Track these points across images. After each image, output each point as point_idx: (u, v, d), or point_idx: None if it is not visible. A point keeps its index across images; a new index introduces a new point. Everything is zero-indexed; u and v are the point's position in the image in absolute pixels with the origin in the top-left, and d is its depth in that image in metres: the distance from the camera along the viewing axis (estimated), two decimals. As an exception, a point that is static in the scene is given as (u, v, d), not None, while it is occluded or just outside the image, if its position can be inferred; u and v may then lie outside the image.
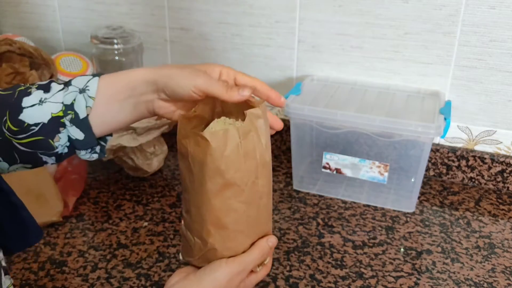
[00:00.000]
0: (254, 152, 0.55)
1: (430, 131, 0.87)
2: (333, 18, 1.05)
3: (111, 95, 0.58)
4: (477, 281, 0.78)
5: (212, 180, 0.54)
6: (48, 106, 0.57)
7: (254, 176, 0.56)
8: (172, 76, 0.57)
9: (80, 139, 0.58)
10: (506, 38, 0.95)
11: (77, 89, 0.58)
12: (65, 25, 1.32)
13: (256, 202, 0.57)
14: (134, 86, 0.58)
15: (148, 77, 0.58)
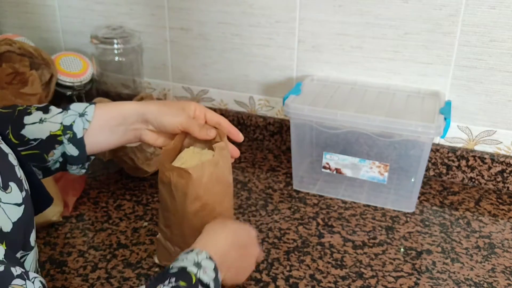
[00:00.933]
0: (223, 177, 0.71)
1: (430, 131, 0.87)
2: (333, 18, 1.05)
3: (106, 121, 0.70)
4: (477, 281, 0.78)
5: (192, 204, 0.69)
6: (47, 125, 0.68)
7: (223, 195, 0.72)
8: (162, 113, 0.71)
9: (75, 155, 0.70)
10: (506, 38, 0.95)
11: (77, 113, 0.69)
12: (65, 25, 1.33)
13: (224, 215, 0.73)
14: (126, 116, 0.71)
15: (140, 110, 0.71)
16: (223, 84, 1.21)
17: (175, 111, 0.71)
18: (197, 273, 0.57)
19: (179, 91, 1.26)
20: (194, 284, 0.56)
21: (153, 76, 1.28)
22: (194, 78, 1.24)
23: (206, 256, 0.60)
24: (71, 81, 1.20)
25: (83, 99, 1.23)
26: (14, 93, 1.02)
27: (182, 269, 0.57)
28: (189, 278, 0.56)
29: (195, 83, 1.24)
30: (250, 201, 0.98)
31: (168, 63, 1.25)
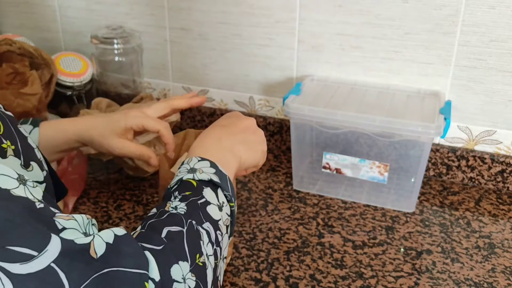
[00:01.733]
0: None
1: (430, 131, 0.87)
2: (333, 18, 1.05)
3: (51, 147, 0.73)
4: (477, 281, 0.78)
5: None
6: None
7: None
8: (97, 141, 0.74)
9: None
10: (506, 38, 0.95)
11: None
12: (65, 25, 1.33)
13: None
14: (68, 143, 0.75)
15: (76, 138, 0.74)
16: (223, 84, 1.21)
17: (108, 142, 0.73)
18: (194, 176, 0.57)
19: (179, 91, 1.26)
20: (197, 187, 0.56)
21: (153, 76, 1.28)
22: (194, 78, 1.24)
23: (197, 160, 0.59)
24: (71, 81, 1.20)
25: (83, 99, 1.23)
26: (14, 93, 1.02)
27: (179, 181, 0.57)
28: (189, 184, 0.56)
29: (195, 83, 1.24)
30: (250, 201, 0.98)
31: (168, 63, 1.25)
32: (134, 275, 0.41)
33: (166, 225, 0.49)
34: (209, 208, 0.55)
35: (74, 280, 0.37)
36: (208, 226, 0.53)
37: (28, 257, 0.36)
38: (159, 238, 0.48)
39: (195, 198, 0.54)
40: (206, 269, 0.50)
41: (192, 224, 0.51)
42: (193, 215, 0.52)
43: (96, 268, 0.39)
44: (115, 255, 0.41)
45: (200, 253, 0.50)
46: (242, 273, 0.78)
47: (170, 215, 0.51)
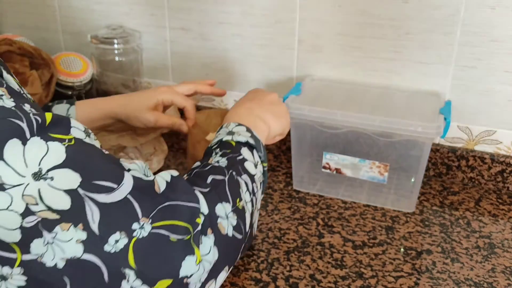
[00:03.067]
0: None
1: (430, 131, 0.87)
2: (333, 18, 1.05)
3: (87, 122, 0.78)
4: (477, 281, 0.78)
5: None
6: None
7: None
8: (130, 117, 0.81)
9: None
10: (506, 38, 0.95)
11: None
12: (65, 25, 1.33)
13: None
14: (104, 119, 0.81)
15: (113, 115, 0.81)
16: (223, 84, 1.21)
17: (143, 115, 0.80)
18: (232, 137, 0.65)
19: (179, 91, 1.26)
20: (235, 147, 0.64)
21: (153, 76, 1.28)
22: (194, 78, 1.23)
23: (235, 124, 0.68)
24: (71, 81, 1.20)
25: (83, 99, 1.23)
26: (14, 93, 1.02)
27: (219, 141, 0.66)
28: (229, 144, 0.65)
29: (195, 83, 1.24)
30: (250, 201, 0.98)
31: (168, 63, 1.25)
32: (189, 209, 0.50)
33: (210, 173, 0.58)
34: (246, 164, 0.63)
35: (144, 209, 0.46)
36: (246, 178, 0.61)
37: (110, 189, 0.44)
38: (205, 183, 0.56)
39: (234, 155, 0.62)
40: (245, 212, 0.58)
41: (233, 175, 0.59)
42: (233, 168, 0.60)
43: (160, 201, 0.47)
44: (173, 191, 0.49)
45: (239, 198, 0.58)
46: (242, 273, 0.79)
47: (213, 167, 0.60)
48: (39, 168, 0.41)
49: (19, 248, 0.42)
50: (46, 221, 0.42)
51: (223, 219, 0.54)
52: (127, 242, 0.44)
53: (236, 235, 0.56)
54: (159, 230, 0.46)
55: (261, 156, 0.67)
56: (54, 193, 0.42)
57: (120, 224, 0.44)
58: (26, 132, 0.42)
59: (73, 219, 0.42)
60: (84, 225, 0.43)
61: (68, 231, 0.42)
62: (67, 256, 0.42)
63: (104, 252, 0.44)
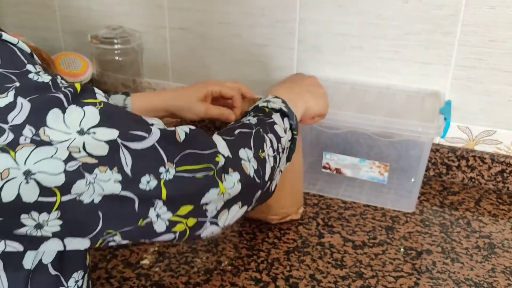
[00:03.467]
0: None
1: (430, 131, 0.87)
2: (333, 18, 1.05)
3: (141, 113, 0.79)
4: (477, 281, 0.78)
5: None
6: None
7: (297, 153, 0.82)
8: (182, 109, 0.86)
9: None
10: (506, 38, 0.95)
11: None
12: (65, 25, 1.33)
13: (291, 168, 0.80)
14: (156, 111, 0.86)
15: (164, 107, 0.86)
16: (223, 84, 1.21)
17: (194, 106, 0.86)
18: (267, 105, 0.71)
19: (179, 91, 1.26)
20: (268, 112, 0.70)
21: (153, 76, 1.28)
22: (194, 78, 1.23)
23: (272, 96, 0.73)
24: (71, 81, 1.20)
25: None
26: (14, 93, 1.02)
27: (255, 107, 0.72)
28: (262, 110, 0.71)
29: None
30: (250, 201, 0.98)
31: (168, 63, 1.25)
32: (208, 153, 0.56)
33: (239, 128, 0.64)
34: (275, 127, 0.68)
35: (170, 155, 0.52)
36: (272, 137, 0.66)
37: (143, 138, 0.51)
38: (232, 133, 0.63)
39: (265, 118, 0.68)
40: (265, 163, 0.63)
41: (259, 131, 0.65)
42: (261, 126, 0.66)
43: (182, 148, 0.54)
44: (192, 140, 0.56)
45: (262, 150, 0.63)
46: (242, 273, 0.79)
47: (243, 123, 0.66)
48: (80, 128, 0.47)
49: (59, 191, 0.46)
50: (86, 165, 0.47)
51: (245, 161, 0.60)
52: (157, 183, 0.51)
53: (256, 179, 0.61)
54: (182, 173, 0.53)
55: (292, 124, 0.71)
56: (96, 143, 0.48)
57: (148, 167, 0.50)
58: (64, 101, 0.48)
59: (108, 163, 0.48)
60: (119, 168, 0.49)
61: (106, 173, 0.48)
62: (105, 193, 0.48)
63: (140, 189, 0.50)
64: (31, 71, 0.49)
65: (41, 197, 0.46)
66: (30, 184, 0.45)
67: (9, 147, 0.44)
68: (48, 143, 0.46)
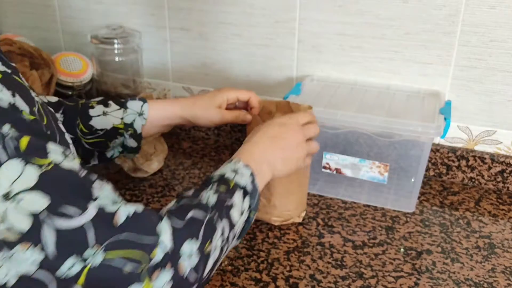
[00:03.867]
0: None
1: (430, 131, 0.87)
2: (333, 18, 1.05)
3: (157, 120, 0.88)
4: (477, 281, 0.78)
5: None
6: (110, 118, 0.84)
7: None
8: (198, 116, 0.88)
9: (134, 146, 0.88)
10: (506, 38, 0.95)
11: (136, 112, 0.86)
12: (65, 25, 1.33)
13: None
14: (171, 118, 0.89)
15: (181, 114, 0.88)
16: (223, 84, 1.21)
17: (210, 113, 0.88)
18: (234, 177, 0.67)
19: (179, 91, 1.26)
20: (232, 188, 0.65)
21: (153, 76, 1.28)
22: (194, 78, 1.24)
23: (243, 165, 0.69)
24: (71, 81, 1.20)
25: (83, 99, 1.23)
26: (14, 93, 1.02)
27: (221, 176, 0.67)
28: (228, 183, 0.65)
29: (195, 83, 1.24)
30: (250, 201, 0.98)
31: (168, 63, 1.25)
32: (144, 244, 0.51)
33: (193, 209, 0.59)
34: (232, 211, 0.64)
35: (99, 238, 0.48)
36: (225, 224, 0.62)
37: (70, 216, 0.47)
38: (183, 220, 0.57)
39: (225, 198, 0.63)
40: (208, 258, 0.58)
41: (213, 218, 0.60)
42: (218, 210, 0.61)
43: (116, 232, 0.49)
44: (130, 226, 0.51)
45: (210, 241, 0.58)
46: (242, 273, 0.79)
47: (199, 203, 0.61)
48: (9, 190, 0.44)
49: None
50: (7, 240, 0.44)
51: (185, 259, 0.55)
52: (81, 268, 0.47)
53: (190, 278, 0.55)
54: (110, 262, 0.48)
55: (252, 204, 0.67)
56: (18, 215, 0.44)
57: (74, 249, 0.47)
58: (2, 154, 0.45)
59: (32, 239, 0.45)
60: (42, 247, 0.45)
61: (27, 250, 0.45)
62: (20, 273, 0.45)
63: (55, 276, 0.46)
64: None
65: None
66: None
67: None
68: None
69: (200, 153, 1.17)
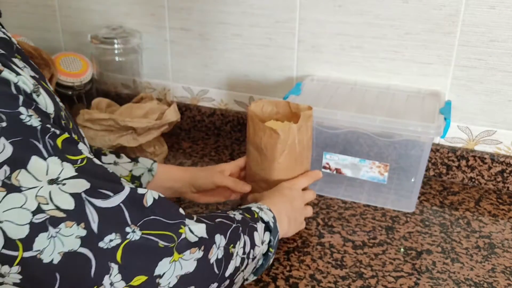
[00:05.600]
0: (303, 141, 0.85)
1: (430, 131, 0.87)
2: (333, 18, 1.05)
3: (162, 180, 0.90)
4: (477, 281, 0.78)
5: (279, 160, 0.84)
6: (119, 168, 0.87)
7: (302, 157, 0.87)
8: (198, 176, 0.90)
9: None
10: (506, 38, 0.95)
11: (146, 168, 0.89)
12: (65, 25, 1.33)
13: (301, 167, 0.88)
14: (177, 181, 0.91)
15: (187, 180, 0.90)
16: (223, 84, 1.21)
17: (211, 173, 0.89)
18: (259, 212, 0.73)
19: (179, 91, 1.26)
20: (256, 218, 0.71)
21: (153, 76, 1.28)
22: (194, 78, 1.24)
23: (267, 207, 0.75)
24: (71, 81, 1.20)
25: (83, 99, 1.23)
26: (14, 93, 1.02)
27: (246, 207, 0.73)
28: (252, 213, 0.71)
29: (195, 83, 1.24)
30: (250, 201, 0.98)
31: (168, 63, 1.25)
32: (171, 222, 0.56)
33: (221, 217, 0.65)
34: (255, 233, 0.69)
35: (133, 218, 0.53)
36: (247, 240, 0.67)
37: (107, 196, 0.52)
38: (213, 220, 0.63)
39: (250, 221, 0.69)
40: (231, 259, 0.63)
41: (239, 228, 0.66)
42: (242, 225, 0.67)
43: (147, 214, 0.54)
44: (157, 207, 0.56)
45: (234, 245, 0.63)
46: (242, 273, 0.78)
47: (227, 215, 0.67)
48: (54, 177, 0.49)
49: (22, 245, 0.47)
50: (53, 219, 0.48)
51: (215, 247, 0.60)
52: (120, 242, 0.51)
53: (215, 268, 0.60)
54: (148, 236, 0.53)
55: (272, 240, 0.72)
56: (62, 195, 0.49)
57: (114, 226, 0.51)
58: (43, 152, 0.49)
59: (76, 218, 0.49)
60: (85, 224, 0.50)
61: (71, 228, 0.49)
62: (64, 250, 0.49)
63: (98, 247, 0.50)
64: (22, 113, 0.49)
65: (4, 249, 0.47)
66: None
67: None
68: (17, 189, 0.47)
69: (200, 153, 1.17)
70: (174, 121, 1.09)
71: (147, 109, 1.10)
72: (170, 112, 1.07)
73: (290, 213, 0.81)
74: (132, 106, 1.11)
